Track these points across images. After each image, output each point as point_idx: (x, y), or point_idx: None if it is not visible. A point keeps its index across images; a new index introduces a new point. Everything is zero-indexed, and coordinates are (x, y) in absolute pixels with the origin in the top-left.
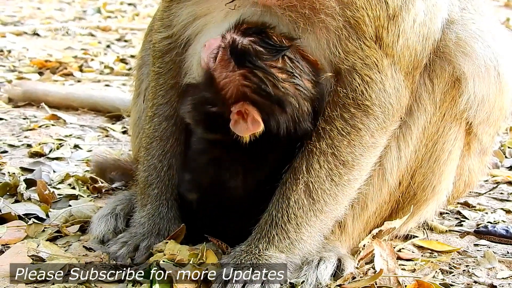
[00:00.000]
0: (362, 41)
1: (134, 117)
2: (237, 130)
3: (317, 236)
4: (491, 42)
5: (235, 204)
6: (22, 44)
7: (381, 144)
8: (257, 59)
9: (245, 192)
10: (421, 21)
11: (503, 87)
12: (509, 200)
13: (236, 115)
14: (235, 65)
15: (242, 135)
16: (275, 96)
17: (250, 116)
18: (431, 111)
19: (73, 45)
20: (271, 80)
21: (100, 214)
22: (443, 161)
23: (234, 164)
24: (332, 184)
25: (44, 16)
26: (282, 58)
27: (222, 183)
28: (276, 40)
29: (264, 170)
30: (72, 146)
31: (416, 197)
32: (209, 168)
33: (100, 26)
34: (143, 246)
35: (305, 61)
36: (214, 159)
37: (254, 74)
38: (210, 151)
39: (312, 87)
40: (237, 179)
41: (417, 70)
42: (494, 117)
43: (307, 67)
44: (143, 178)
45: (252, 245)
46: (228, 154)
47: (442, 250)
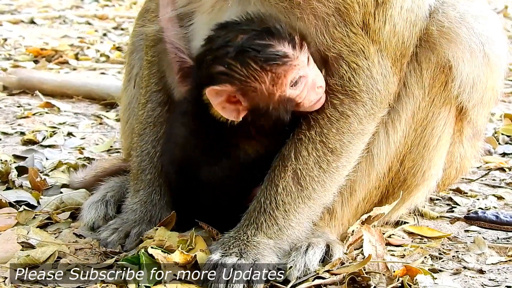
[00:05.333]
0: (349, 28)
1: (124, 102)
2: (225, 113)
3: (306, 223)
4: (476, 25)
5: (216, 185)
6: (18, 32)
7: (369, 131)
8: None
9: (225, 174)
10: (408, 8)
11: (492, 67)
12: (501, 187)
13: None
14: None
15: (230, 118)
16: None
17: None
18: (419, 97)
19: (70, 33)
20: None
21: (91, 201)
22: (432, 147)
23: (213, 143)
24: (320, 171)
25: (42, 4)
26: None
27: (199, 158)
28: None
29: (245, 154)
30: (65, 134)
31: (406, 183)
32: (188, 141)
33: (97, 14)
34: (134, 233)
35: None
36: (194, 134)
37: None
38: (192, 125)
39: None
40: (216, 159)
41: (405, 58)
42: (487, 98)
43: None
44: (136, 163)
45: (240, 232)
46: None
47: (432, 236)
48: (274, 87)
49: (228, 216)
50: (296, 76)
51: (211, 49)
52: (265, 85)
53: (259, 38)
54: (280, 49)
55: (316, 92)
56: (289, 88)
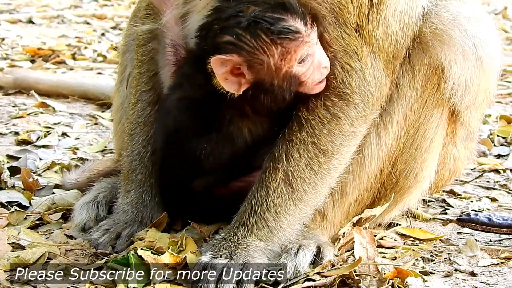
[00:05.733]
0: (343, 29)
1: (117, 102)
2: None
3: (297, 224)
4: (469, 26)
5: (202, 159)
6: (16, 32)
7: (361, 133)
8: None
9: (212, 148)
10: (402, 9)
11: (485, 69)
12: (495, 188)
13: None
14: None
15: (231, 91)
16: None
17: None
18: (411, 99)
19: (68, 33)
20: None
21: (82, 202)
22: (425, 148)
23: (206, 116)
24: (312, 173)
25: (40, 4)
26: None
27: (190, 130)
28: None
29: (237, 131)
30: (59, 134)
31: (398, 185)
32: (181, 112)
33: (96, 14)
34: (125, 234)
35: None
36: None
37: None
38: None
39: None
40: (207, 131)
41: (398, 60)
42: (480, 100)
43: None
44: (126, 163)
45: (231, 233)
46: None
47: (425, 238)
48: (282, 61)
49: (216, 207)
50: (305, 53)
51: (219, 18)
52: (274, 59)
53: (272, 11)
54: (292, 24)
55: (321, 72)
56: (296, 64)
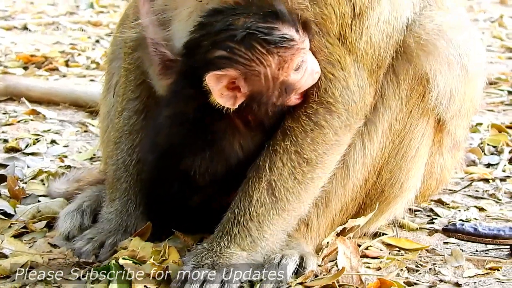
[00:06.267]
0: (326, 38)
1: (103, 111)
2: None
3: (280, 234)
4: (454, 36)
5: (195, 178)
6: (11, 38)
7: (345, 142)
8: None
9: (206, 165)
10: (385, 19)
11: (471, 78)
12: (483, 198)
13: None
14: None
15: (226, 105)
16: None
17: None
18: (396, 108)
19: (63, 40)
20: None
21: (67, 211)
22: (410, 158)
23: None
24: (295, 182)
25: (36, 10)
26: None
27: (182, 148)
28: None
29: (230, 146)
30: (48, 142)
31: (384, 194)
32: (171, 130)
33: (91, 21)
34: (109, 243)
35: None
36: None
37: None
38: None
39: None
40: (200, 149)
41: (381, 69)
42: (465, 109)
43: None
44: (112, 172)
45: (213, 243)
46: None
47: (410, 248)
48: (279, 71)
49: (203, 217)
50: (301, 60)
51: (208, 33)
52: (271, 69)
53: (264, 21)
54: (286, 32)
55: (313, 78)
56: (293, 72)
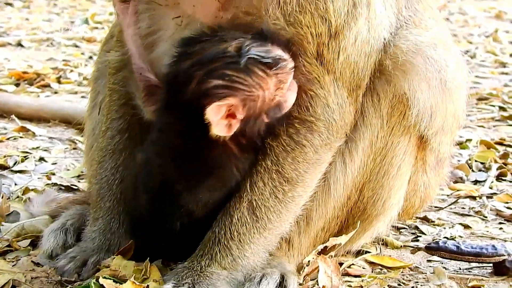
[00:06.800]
0: (303, 58)
1: (88, 128)
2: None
3: (261, 253)
4: (431, 53)
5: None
6: (4, 55)
7: (325, 160)
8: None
9: (211, 197)
10: (363, 39)
11: (452, 94)
12: (469, 215)
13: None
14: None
15: (222, 134)
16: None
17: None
18: (377, 126)
19: (56, 56)
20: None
21: (51, 229)
22: (392, 176)
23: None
24: (276, 201)
25: (31, 27)
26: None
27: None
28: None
29: (230, 173)
30: (37, 159)
31: (366, 212)
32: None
33: (85, 37)
34: (91, 261)
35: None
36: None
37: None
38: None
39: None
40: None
41: (361, 89)
42: (448, 125)
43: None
44: (95, 191)
45: (194, 262)
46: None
47: (393, 266)
48: (276, 91)
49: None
50: (292, 78)
51: (200, 63)
52: (269, 92)
53: (258, 44)
54: (278, 53)
55: (294, 94)
56: (287, 91)
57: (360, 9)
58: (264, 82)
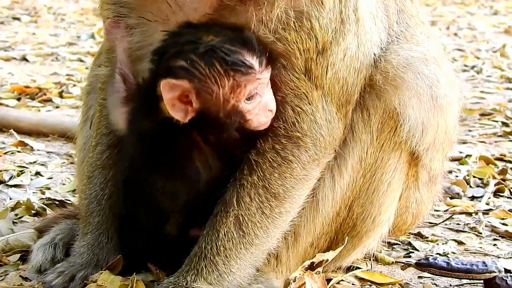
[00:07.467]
0: (292, 73)
1: (80, 143)
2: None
3: (248, 268)
4: (422, 68)
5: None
6: (8, 69)
7: (313, 176)
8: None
9: (173, 187)
10: (352, 55)
11: (443, 109)
12: (464, 231)
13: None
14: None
15: (176, 117)
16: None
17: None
18: (367, 142)
19: (61, 71)
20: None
21: (40, 244)
22: (382, 192)
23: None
24: (263, 217)
25: (37, 41)
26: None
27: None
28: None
29: (194, 167)
30: (33, 173)
31: (356, 229)
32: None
33: (90, 51)
34: (79, 276)
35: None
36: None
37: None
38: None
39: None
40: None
41: (350, 104)
42: (440, 141)
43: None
44: (84, 206)
45: (180, 277)
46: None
47: (384, 282)
48: (231, 94)
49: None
50: (254, 91)
51: (176, 42)
52: (223, 90)
53: (230, 43)
54: (248, 59)
55: (266, 114)
56: (244, 100)
57: (348, 25)
58: (220, 78)
